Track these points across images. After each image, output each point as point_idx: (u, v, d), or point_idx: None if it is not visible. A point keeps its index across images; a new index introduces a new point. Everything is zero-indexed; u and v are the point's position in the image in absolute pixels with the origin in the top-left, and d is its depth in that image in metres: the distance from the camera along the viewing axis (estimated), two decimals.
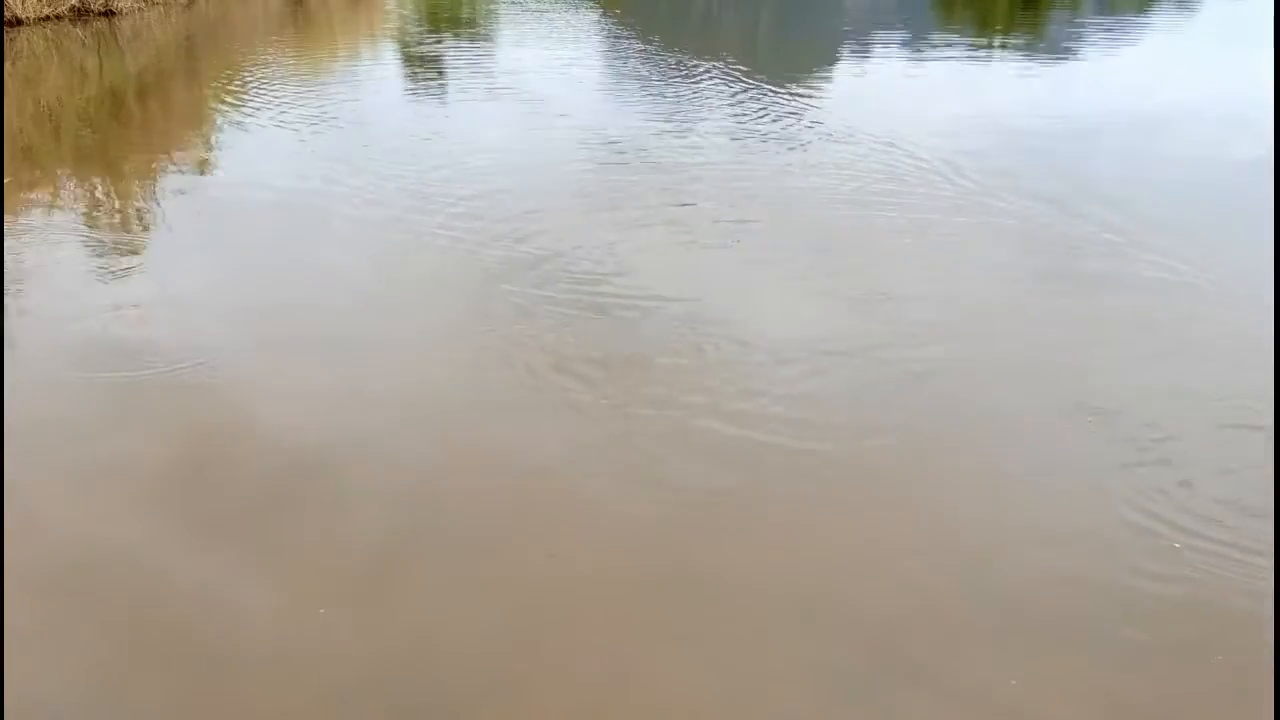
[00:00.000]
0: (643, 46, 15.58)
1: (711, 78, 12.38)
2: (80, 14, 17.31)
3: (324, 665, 3.25)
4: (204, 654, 3.29)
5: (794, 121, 10.00)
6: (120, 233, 7.29)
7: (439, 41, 16.81)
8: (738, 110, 10.61)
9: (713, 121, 10.20)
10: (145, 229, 7.34)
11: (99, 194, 8.12)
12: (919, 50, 14.83)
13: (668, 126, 9.96)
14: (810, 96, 11.25)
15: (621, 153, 9.00)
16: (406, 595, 3.56)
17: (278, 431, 4.57)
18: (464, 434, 4.55)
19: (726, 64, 13.19)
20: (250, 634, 3.38)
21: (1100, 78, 13.11)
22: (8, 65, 13.50)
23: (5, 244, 6.84)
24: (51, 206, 7.79)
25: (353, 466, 4.28)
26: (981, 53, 14.64)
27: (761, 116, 10.27)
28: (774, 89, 11.56)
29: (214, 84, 12.79)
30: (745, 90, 11.53)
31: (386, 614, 3.46)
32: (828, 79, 13.11)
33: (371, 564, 3.70)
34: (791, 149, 9.02)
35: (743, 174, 8.31)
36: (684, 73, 12.94)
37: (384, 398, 4.85)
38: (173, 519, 3.96)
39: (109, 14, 17.61)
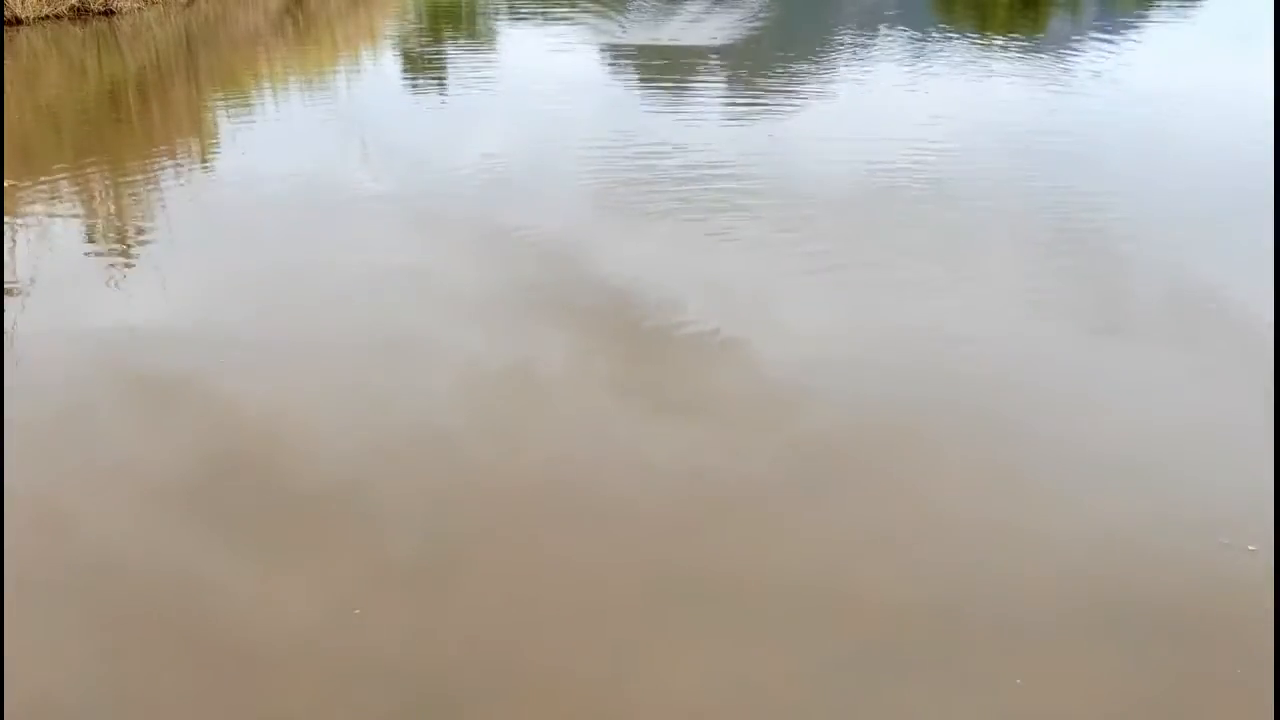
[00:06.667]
0: None
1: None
2: (80, 13, 17.23)
3: (323, 663, 3.21)
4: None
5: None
6: (123, 231, 7.22)
7: (440, 44, 16.76)
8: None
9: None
10: (148, 227, 7.28)
11: (101, 192, 8.06)
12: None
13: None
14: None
15: None
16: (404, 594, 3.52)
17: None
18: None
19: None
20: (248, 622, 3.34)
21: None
22: (8, 63, 13.43)
23: (4, 244, 6.79)
24: (52, 205, 7.72)
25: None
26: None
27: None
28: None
29: (214, 88, 12.74)
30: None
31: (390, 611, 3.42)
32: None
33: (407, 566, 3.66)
34: None
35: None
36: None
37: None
38: (198, 520, 3.92)
39: (109, 13, 17.53)
